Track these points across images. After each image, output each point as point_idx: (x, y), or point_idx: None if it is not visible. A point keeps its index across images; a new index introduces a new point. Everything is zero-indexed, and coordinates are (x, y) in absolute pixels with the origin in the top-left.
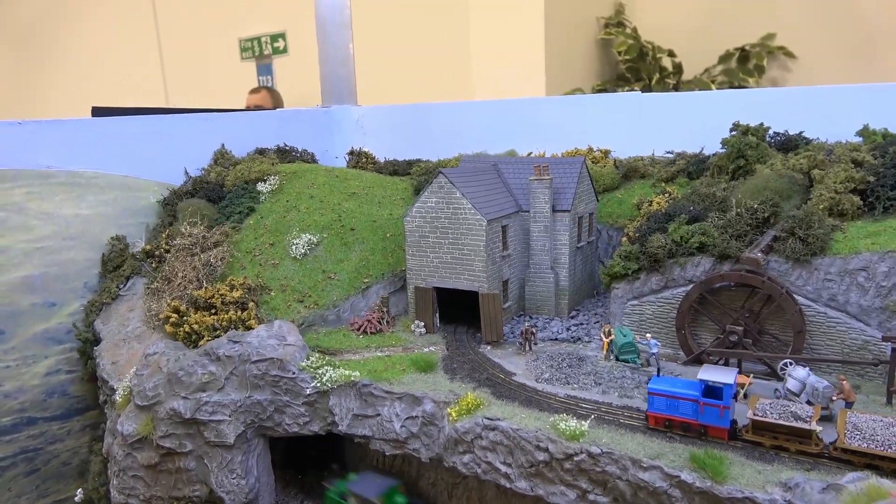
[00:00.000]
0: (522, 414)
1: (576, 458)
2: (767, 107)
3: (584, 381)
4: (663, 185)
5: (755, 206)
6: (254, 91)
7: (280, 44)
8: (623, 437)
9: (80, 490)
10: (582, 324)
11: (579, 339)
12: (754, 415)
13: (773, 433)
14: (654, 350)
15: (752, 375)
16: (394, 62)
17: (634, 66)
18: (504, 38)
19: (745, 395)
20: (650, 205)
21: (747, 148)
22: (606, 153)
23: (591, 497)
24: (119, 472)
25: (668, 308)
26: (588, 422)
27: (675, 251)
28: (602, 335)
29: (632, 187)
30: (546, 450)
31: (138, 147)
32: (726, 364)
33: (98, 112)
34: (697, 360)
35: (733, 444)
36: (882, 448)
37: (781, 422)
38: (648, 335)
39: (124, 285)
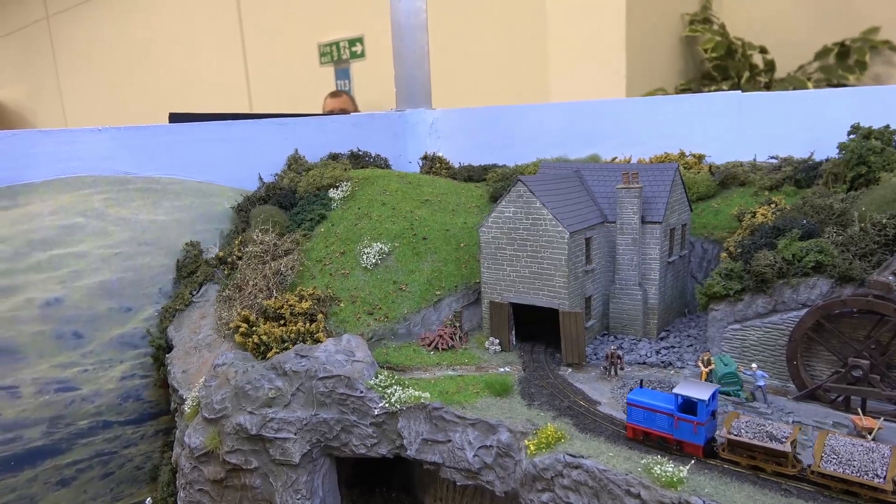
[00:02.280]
0: (610, 452)
1: None
2: (887, 106)
3: None
4: (766, 193)
5: (883, 220)
6: (334, 95)
7: (358, 48)
8: (729, 486)
9: (149, 499)
10: (673, 347)
11: (670, 364)
12: (729, 433)
13: (749, 453)
14: (762, 382)
15: (881, 418)
16: (469, 64)
17: (722, 65)
18: (583, 38)
19: (874, 440)
20: (753, 216)
21: (870, 153)
22: (700, 158)
23: None
24: (186, 485)
25: (776, 335)
26: (688, 467)
27: (787, 271)
28: (700, 364)
29: (730, 196)
30: (638, 496)
31: (214, 153)
32: (847, 402)
33: (175, 118)
34: (812, 396)
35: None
36: (858, 474)
37: (756, 442)
38: (754, 365)
39: (197, 292)
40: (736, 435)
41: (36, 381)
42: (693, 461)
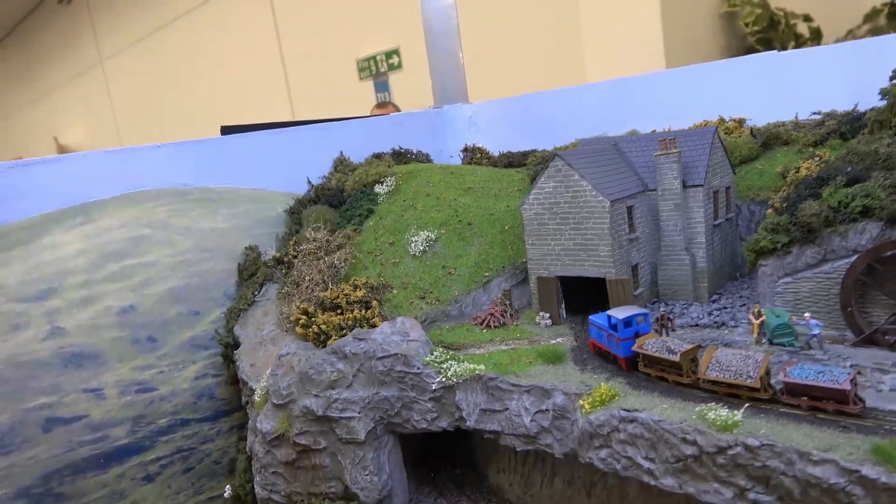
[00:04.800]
0: (664, 404)
1: (730, 452)
2: None
3: None
4: (811, 149)
5: None
6: (380, 106)
7: (394, 60)
8: (785, 427)
9: (228, 487)
10: (726, 307)
11: (724, 323)
12: (640, 348)
13: (658, 366)
14: (816, 331)
15: None
16: (503, 53)
17: (765, 37)
18: (617, 18)
19: None
20: (797, 171)
21: None
22: (741, 122)
23: (752, 496)
24: (261, 469)
25: (828, 284)
26: (742, 411)
27: (834, 218)
28: (751, 316)
29: (773, 156)
30: (694, 442)
31: (264, 161)
32: None
33: (226, 130)
34: (870, 341)
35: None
36: (734, 377)
37: (656, 354)
38: (807, 314)
39: (259, 292)
40: (645, 350)
41: (118, 383)
42: (746, 405)
